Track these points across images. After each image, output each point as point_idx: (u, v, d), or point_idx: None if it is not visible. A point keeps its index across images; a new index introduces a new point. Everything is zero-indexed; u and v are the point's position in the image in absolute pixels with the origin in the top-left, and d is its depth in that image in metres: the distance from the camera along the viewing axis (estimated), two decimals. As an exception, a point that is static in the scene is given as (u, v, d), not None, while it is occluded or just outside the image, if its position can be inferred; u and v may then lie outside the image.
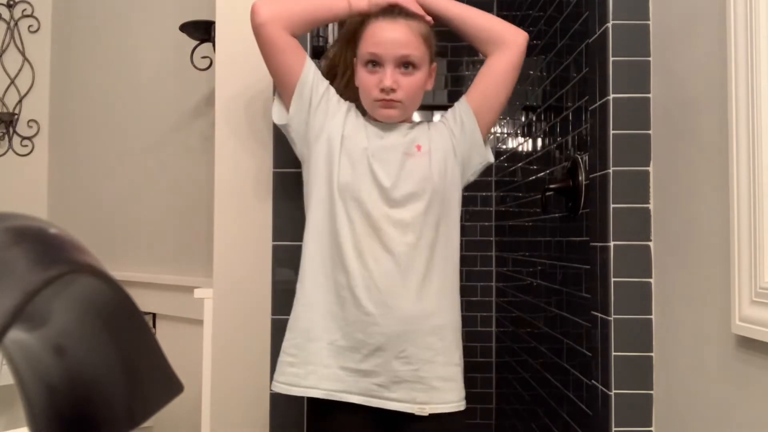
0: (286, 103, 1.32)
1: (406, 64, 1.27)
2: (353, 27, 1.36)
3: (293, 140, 1.35)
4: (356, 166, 1.29)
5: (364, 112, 1.37)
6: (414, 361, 1.27)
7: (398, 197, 1.29)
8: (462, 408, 1.32)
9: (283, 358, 1.31)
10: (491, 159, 1.40)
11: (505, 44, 1.33)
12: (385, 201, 1.28)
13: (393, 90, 1.26)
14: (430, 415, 1.27)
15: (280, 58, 1.29)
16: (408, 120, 1.37)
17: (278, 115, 1.33)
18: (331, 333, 1.28)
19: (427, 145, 1.32)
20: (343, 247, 1.27)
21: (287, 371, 1.30)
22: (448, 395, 1.30)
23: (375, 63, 1.27)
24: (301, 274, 1.33)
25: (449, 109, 1.39)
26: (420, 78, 1.29)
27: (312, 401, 1.32)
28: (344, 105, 1.35)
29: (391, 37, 1.26)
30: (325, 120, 1.31)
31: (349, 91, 1.39)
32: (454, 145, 1.36)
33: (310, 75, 1.30)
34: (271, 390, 1.33)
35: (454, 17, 1.35)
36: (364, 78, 1.29)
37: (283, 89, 1.32)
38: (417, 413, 1.26)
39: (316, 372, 1.27)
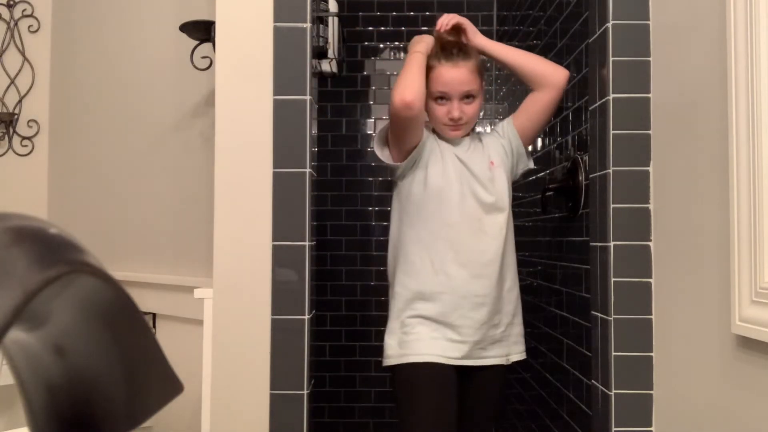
0: (398, 154, 1.64)
1: (467, 96, 1.64)
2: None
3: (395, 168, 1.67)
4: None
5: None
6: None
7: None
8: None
9: None
10: (532, 165, 1.78)
11: (551, 85, 1.66)
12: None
13: (460, 118, 1.64)
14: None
15: (418, 130, 1.61)
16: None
17: (389, 159, 1.66)
18: None
19: (497, 160, 1.69)
20: None
21: None
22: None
23: (443, 97, 1.64)
24: None
25: (499, 125, 1.76)
26: (478, 103, 1.67)
27: None
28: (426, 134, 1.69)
29: (454, 78, 1.62)
30: (424, 154, 1.67)
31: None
32: (508, 158, 1.72)
33: (425, 134, 1.65)
34: (271, 390, 1.33)
35: (508, 61, 1.68)
36: (435, 109, 1.66)
37: (402, 146, 1.63)
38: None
39: None
